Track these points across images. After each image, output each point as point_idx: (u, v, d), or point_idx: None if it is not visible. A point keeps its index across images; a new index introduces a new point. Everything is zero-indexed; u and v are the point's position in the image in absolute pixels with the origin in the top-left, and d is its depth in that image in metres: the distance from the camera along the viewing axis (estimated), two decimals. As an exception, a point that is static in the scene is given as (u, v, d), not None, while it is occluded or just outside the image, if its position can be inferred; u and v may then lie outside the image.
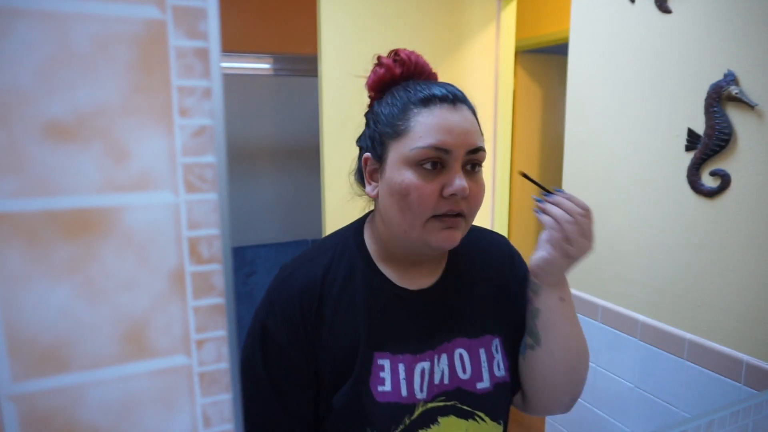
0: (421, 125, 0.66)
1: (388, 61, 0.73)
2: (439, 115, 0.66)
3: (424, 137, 0.65)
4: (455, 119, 0.66)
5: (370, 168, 0.72)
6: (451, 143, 0.65)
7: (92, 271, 0.30)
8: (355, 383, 0.68)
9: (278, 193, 3.04)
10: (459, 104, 0.68)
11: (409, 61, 0.73)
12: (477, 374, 0.73)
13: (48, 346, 0.30)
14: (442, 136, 0.65)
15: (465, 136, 0.66)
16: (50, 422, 0.30)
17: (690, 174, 1.14)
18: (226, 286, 0.33)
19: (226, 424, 0.34)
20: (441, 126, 0.65)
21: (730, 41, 1.05)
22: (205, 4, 0.30)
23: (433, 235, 0.67)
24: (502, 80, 2.68)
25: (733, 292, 1.09)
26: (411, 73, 0.73)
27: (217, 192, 0.32)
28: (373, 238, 0.76)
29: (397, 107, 0.69)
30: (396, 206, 0.67)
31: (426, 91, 0.68)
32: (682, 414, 1.18)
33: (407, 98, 0.69)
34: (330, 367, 0.70)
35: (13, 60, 0.27)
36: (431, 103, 0.67)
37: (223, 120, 0.32)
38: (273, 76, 2.89)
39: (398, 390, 0.69)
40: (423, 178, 0.65)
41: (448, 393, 0.72)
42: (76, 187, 0.29)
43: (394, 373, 0.70)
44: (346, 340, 0.70)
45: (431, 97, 0.67)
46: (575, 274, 1.61)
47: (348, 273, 0.73)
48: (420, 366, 0.71)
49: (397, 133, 0.67)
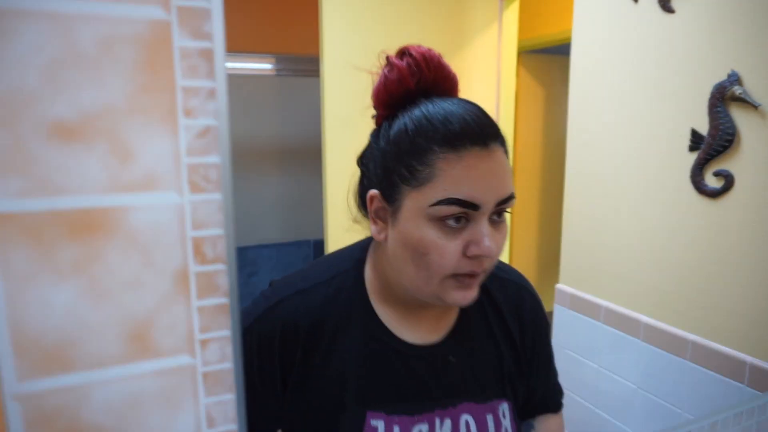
0: (448, 176, 0.54)
1: (400, 64, 0.59)
2: (469, 164, 0.54)
3: (451, 191, 0.54)
4: (488, 167, 0.55)
5: (377, 207, 0.61)
6: (482, 198, 0.55)
7: (97, 270, 0.30)
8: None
9: (280, 194, 3.04)
10: (491, 144, 0.56)
11: (427, 67, 0.59)
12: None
13: (53, 345, 0.30)
14: (472, 192, 0.54)
15: (498, 188, 0.55)
16: (55, 422, 0.30)
17: (693, 174, 1.14)
18: (230, 286, 0.33)
19: (230, 424, 0.34)
20: (471, 178, 0.54)
21: (734, 41, 1.05)
22: (210, 4, 0.30)
23: (448, 293, 0.59)
24: (504, 80, 2.68)
25: (736, 293, 1.08)
26: (430, 81, 0.60)
27: (222, 192, 0.32)
28: (375, 274, 0.66)
29: (417, 146, 0.56)
30: (410, 261, 0.58)
31: (454, 125, 0.55)
32: (685, 415, 1.18)
33: (430, 135, 0.56)
34: (313, 418, 0.64)
35: (19, 61, 0.27)
36: (460, 146, 0.55)
37: (228, 120, 0.32)
38: (275, 77, 2.89)
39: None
40: (445, 236, 0.56)
41: None
42: (81, 188, 0.29)
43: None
44: (333, 395, 0.64)
45: (461, 137, 0.55)
46: (578, 274, 1.61)
47: (343, 318, 0.65)
48: (417, 428, 0.64)
49: (418, 181, 0.56)
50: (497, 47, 2.64)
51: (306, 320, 0.64)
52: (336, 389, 0.63)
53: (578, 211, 1.47)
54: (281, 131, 3.02)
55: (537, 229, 3.88)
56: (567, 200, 1.51)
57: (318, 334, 0.64)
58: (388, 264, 0.64)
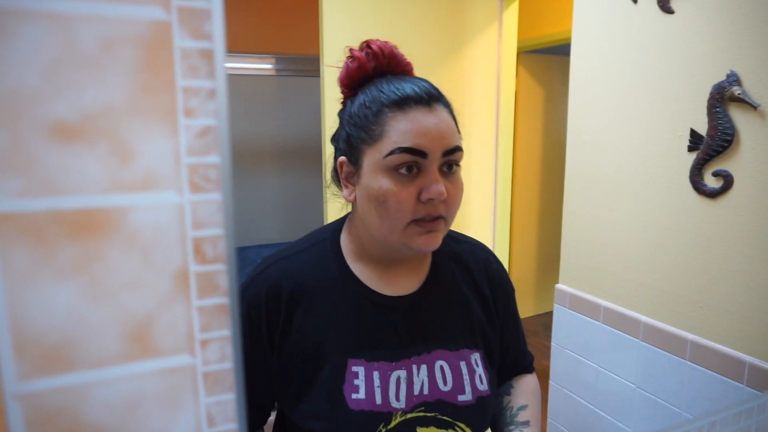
0: (396, 130, 0.64)
1: (360, 54, 0.69)
2: (414, 119, 0.64)
3: (399, 142, 0.63)
4: (431, 121, 0.64)
5: (346, 171, 0.70)
6: (427, 146, 0.63)
7: (97, 270, 0.30)
8: (329, 390, 0.68)
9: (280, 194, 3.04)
10: (434, 104, 0.65)
11: (382, 55, 0.69)
12: (459, 387, 0.72)
13: (53, 345, 0.30)
14: (418, 140, 0.63)
15: (441, 138, 0.64)
16: (55, 421, 0.30)
17: (692, 174, 1.14)
18: (230, 286, 0.33)
19: (230, 424, 0.34)
20: (416, 129, 0.63)
21: (733, 41, 1.05)
22: (210, 5, 0.30)
23: (413, 239, 0.66)
24: (504, 80, 2.68)
25: (735, 293, 1.09)
26: (385, 67, 0.70)
27: (222, 192, 0.32)
28: (351, 237, 0.75)
29: (370, 110, 0.66)
30: (374, 212, 0.66)
31: (400, 91, 0.65)
32: (685, 415, 1.18)
33: (381, 100, 0.66)
34: (297, 373, 0.70)
35: (20, 61, 0.27)
36: (406, 106, 0.64)
37: (228, 120, 0.32)
38: (275, 77, 2.89)
39: (372, 398, 0.68)
40: (400, 184, 0.63)
41: (429, 404, 0.70)
42: (81, 187, 0.29)
43: (369, 381, 0.69)
44: (315, 346, 0.69)
45: (405, 98, 0.64)
46: (578, 273, 1.61)
47: (321, 278, 0.72)
48: (396, 374, 0.70)
49: (372, 138, 0.65)
50: (497, 47, 2.64)
51: (288, 283, 0.71)
52: (318, 342, 0.70)
53: (578, 211, 1.47)
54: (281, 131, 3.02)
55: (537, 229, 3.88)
56: (567, 200, 1.51)
57: (299, 295, 0.71)
58: (361, 225, 0.71)
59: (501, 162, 2.81)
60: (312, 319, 0.71)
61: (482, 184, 2.81)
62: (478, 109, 2.71)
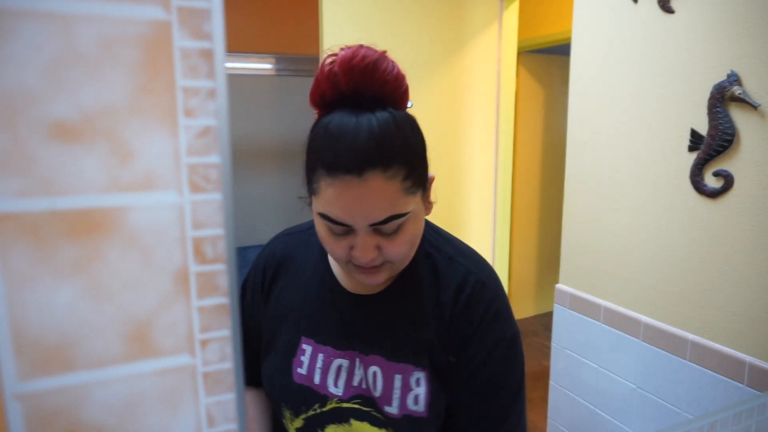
0: (325, 194, 0.60)
1: (322, 72, 0.61)
2: (340, 190, 0.59)
3: (326, 207, 0.61)
4: (357, 195, 0.58)
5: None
6: (350, 221, 0.60)
7: (97, 270, 0.30)
8: (282, 358, 0.75)
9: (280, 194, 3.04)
10: (368, 172, 0.58)
11: (345, 76, 0.59)
12: (387, 398, 0.69)
13: (53, 345, 0.30)
14: (341, 213, 0.60)
15: (366, 213, 0.59)
16: (55, 421, 0.30)
17: (693, 174, 1.14)
18: (230, 286, 0.33)
19: (230, 424, 0.34)
20: (340, 203, 0.59)
21: (733, 41, 1.05)
22: (210, 4, 0.30)
23: (354, 274, 0.67)
24: (504, 80, 2.68)
25: (735, 293, 1.09)
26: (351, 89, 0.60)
27: (222, 192, 0.32)
28: None
29: (310, 159, 0.62)
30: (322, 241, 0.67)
31: (332, 152, 0.59)
32: (685, 415, 1.18)
33: (318, 156, 0.61)
34: (268, 333, 0.78)
35: (19, 61, 0.27)
36: (335, 172, 0.58)
37: (228, 120, 0.32)
38: (275, 77, 2.89)
39: (312, 376, 0.73)
40: (333, 237, 0.63)
41: (365, 398, 0.70)
42: (81, 187, 0.29)
43: (313, 360, 0.73)
44: (283, 316, 0.77)
45: (335, 165, 0.58)
46: (578, 274, 1.61)
47: (305, 260, 0.79)
48: (338, 362, 0.73)
49: (311, 188, 0.63)
50: (497, 47, 2.64)
51: (281, 253, 0.81)
52: (284, 313, 0.77)
53: (578, 211, 1.47)
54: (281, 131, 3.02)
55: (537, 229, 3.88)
56: (567, 200, 1.51)
57: (285, 267, 0.79)
58: None
59: (501, 162, 2.81)
60: (287, 290, 0.78)
61: (482, 184, 2.81)
62: (478, 109, 2.71)
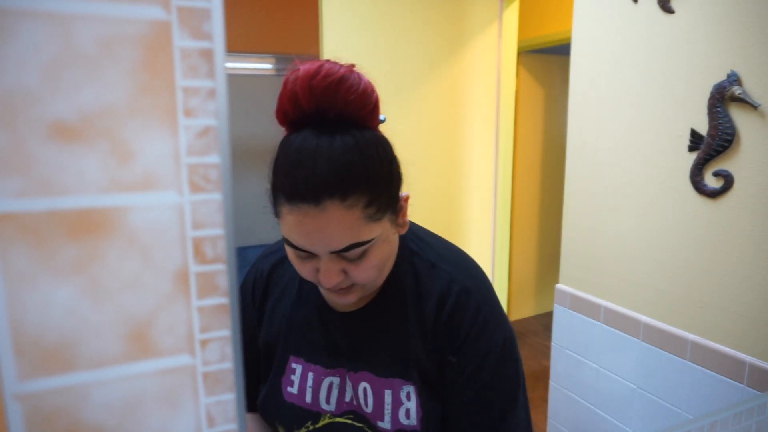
0: (286, 221, 0.60)
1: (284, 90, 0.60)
2: (298, 218, 0.58)
3: (287, 233, 0.60)
4: (315, 224, 0.57)
5: None
6: (311, 248, 0.60)
7: (97, 270, 0.30)
8: (273, 377, 0.75)
9: (280, 194, 3.03)
10: (325, 201, 0.56)
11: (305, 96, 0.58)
12: (378, 413, 0.69)
13: (53, 345, 0.30)
14: (301, 240, 0.59)
15: (325, 241, 0.58)
16: (55, 421, 0.30)
17: (693, 174, 1.14)
18: (230, 286, 0.33)
19: (230, 424, 0.34)
20: (299, 231, 0.59)
21: (733, 41, 1.05)
22: (210, 4, 0.30)
23: (326, 295, 0.68)
24: (504, 80, 2.68)
25: (736, 293, 1.09)
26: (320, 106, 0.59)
27: (222, 192, 0.32)
28: None
29: (273, 184, 0.61)
30: None
31: (291, 180, 0.57)
32: (685, 415, 1.18)
33: (279, 181, 0.60)
34: (263, 358, 0.78)
35: (19, 61, 0.27)
36: (293, 201, 0.58)
37: (228, 120, 0.32)
38: (275, 77, 2.89)
39: (303, 396, 0.73)
40: (299, 259, 0.63)
41: (357, 414, 0.71)
42: (81, 187, 0.29)
43: (303, 380, 0.73)
44: (274, 337, 0.77)
45: (293, 193, 0.57)
46: (578, 274, 1.60)
47: (294, 278, 0.77)
48: (329, 380, 0.73)
49: (275, 211, 0.62)
50: (497, 47, 2.64)
51: (269, 274, 0.79)
52: (276, 333, 0.77)
53: (578, 211, 1.47)
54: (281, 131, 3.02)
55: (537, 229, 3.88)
56: (567, 200, 1.51)
57: (274, 284, 0.78)
58: None
59: (501, 162, 2.81)
60: (278, 310, 0.77)
61: (482, 184, 2.81)
62: (479, 109, 2.70)
